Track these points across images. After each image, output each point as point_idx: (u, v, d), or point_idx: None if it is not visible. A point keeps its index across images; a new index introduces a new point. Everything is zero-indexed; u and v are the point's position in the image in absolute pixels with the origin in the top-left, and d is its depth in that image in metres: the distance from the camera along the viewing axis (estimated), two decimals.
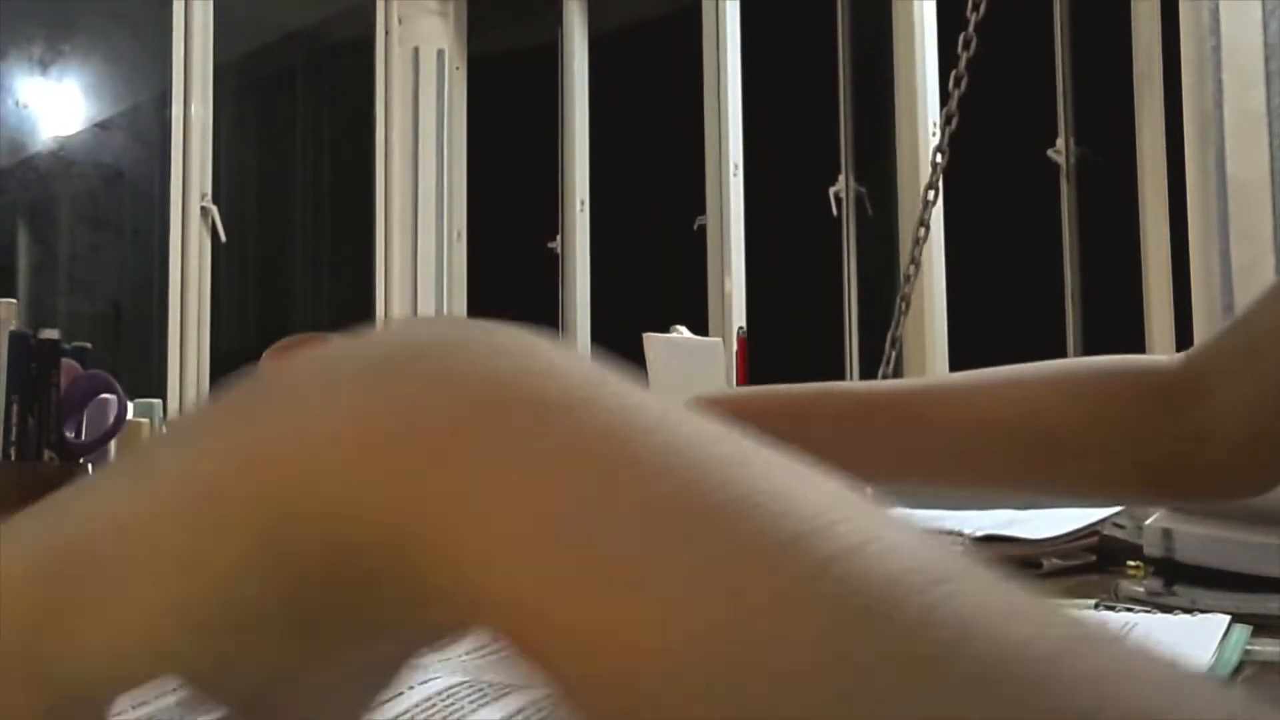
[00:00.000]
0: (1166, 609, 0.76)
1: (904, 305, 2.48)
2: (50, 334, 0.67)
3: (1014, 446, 0.69)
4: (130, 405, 0.75)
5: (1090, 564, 1.02)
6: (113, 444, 0.74)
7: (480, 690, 0.42)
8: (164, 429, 0.80)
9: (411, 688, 0.43)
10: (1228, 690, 0.16)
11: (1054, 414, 0.69)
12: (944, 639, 0.16)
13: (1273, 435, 0.64)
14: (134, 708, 0.45)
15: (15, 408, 0.65)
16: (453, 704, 0.41)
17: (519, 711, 0.40)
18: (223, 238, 3.58)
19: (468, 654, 0.61)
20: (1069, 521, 1.07)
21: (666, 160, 3.83)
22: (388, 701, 0.42)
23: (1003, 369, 0.72)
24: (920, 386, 0.74)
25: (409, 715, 0.41)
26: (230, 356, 3.63)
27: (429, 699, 0.42)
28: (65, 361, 0.68)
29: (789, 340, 3.48)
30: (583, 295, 3.88)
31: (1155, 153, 2.77)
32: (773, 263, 3.53)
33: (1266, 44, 2.27)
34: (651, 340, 1.16)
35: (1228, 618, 0.71)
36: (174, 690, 0.46)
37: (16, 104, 3.52)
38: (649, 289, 3.84)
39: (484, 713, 0.40)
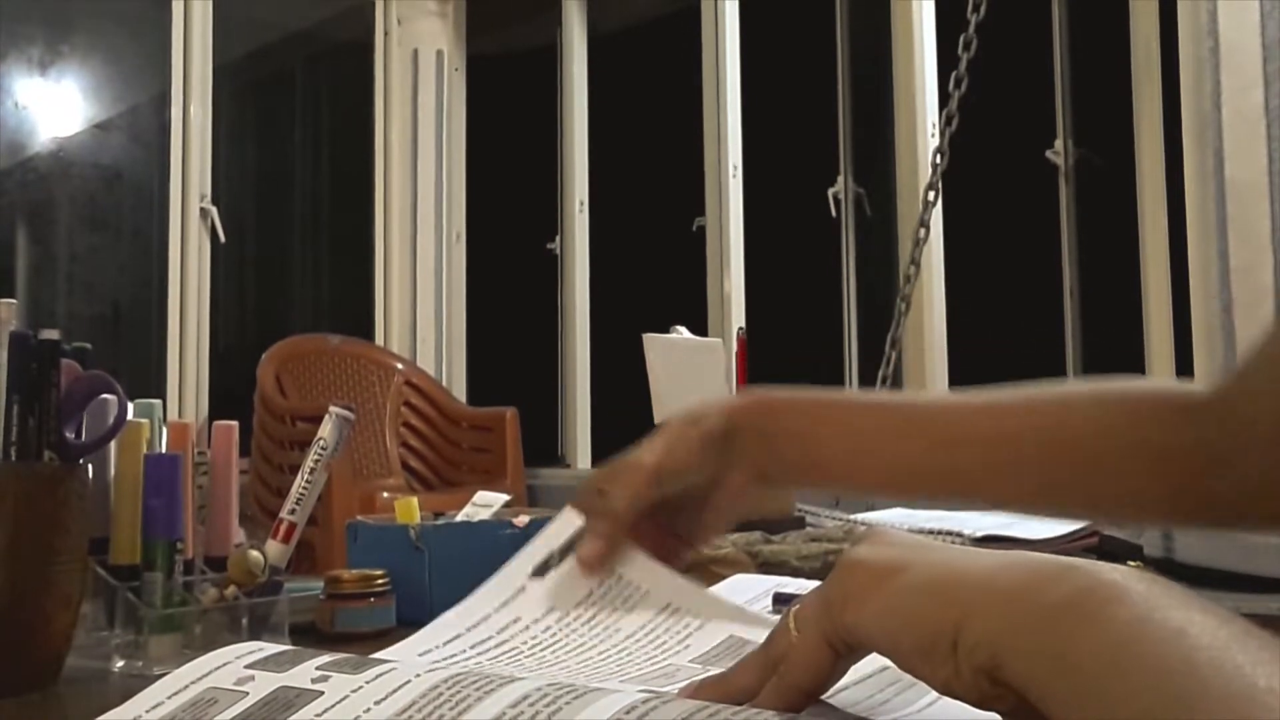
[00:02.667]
0: None
1: (904, 306, 2.48)
2: (50, 334, 0.67)
3: (1043, 461, 0.69)
4: (130, 405, 0.75)
5: None
6: (113, 444, 0.74)
7: (485, 679, 0.42)
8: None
9: (418, 674, 0.44)
10: None
11: (1083, 431, 0.68)
12: None
13: None
14: (148, 711, 0.45)
15: (15, 408, 0.65)
16: (459, 692, 0.41)
17: (524, 699, 0.40)
18: (222, 238, 3.58)
19: (472, 647, 0.61)
20: (1069, 522, 1.07)
21: (665, 161, 3.82)
22: (395, 692, 0.43)
23: (1031, 388, 0.72)
24: (955, 401, 0.73)
25: (415, 705, 0.41)
26: (229, 357, 3.63)
27: (435, 687, 0.42)
28: (65, 362, 0.68)
29: (788, 341, 3.48)
30: (582, 296, 3.87)
31: (1154, 154, 2.77)
32: (772, 264, 3.53)
33: (1264, 45, 2.27)
34: (651, 341, 1.16)
35: None
36: (186, 689, 0.46)
37: (15, 105, 3.52)
38: (648, 290, 3.84)
39: (489, 701, 0.40)
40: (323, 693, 0.44)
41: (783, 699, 0.44)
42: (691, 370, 1.18)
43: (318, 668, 0.46)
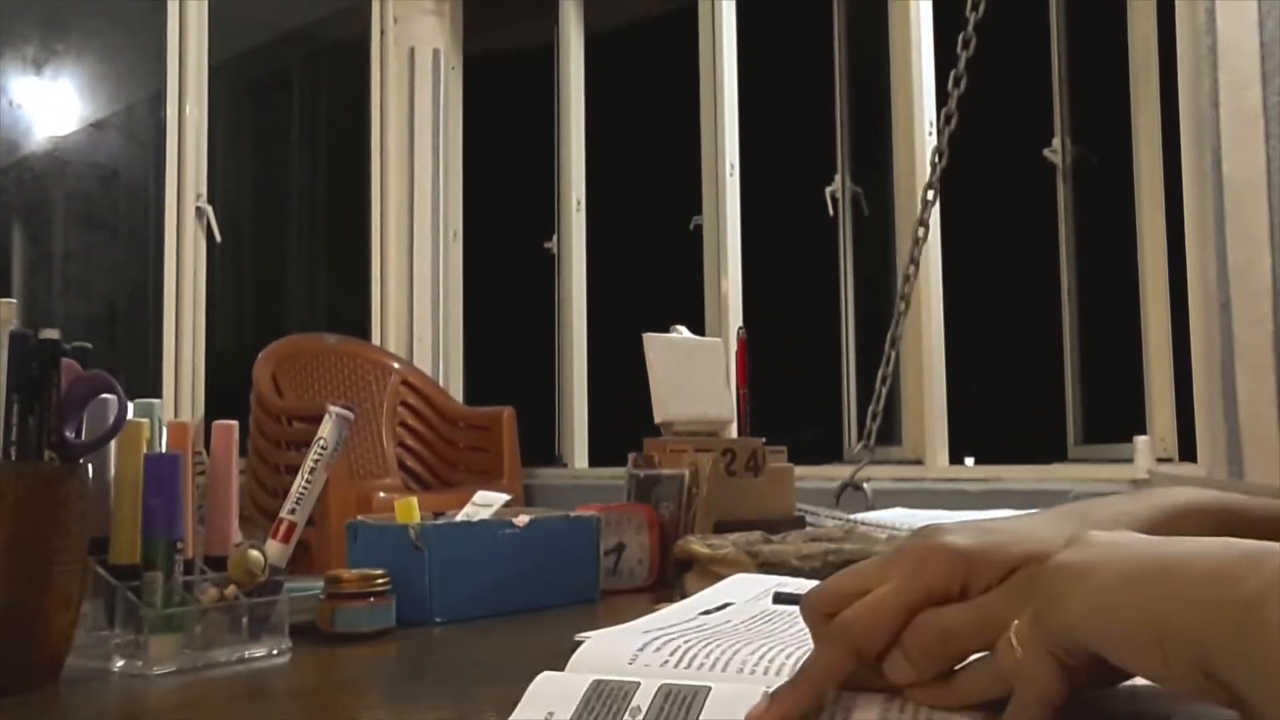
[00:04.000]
0: None
1: (904, 305, 2.48)
2: (51, 334, 0.67)
3: None
4: (130, 405, 0.74)
5: None
6: (113, 444, 0.74)
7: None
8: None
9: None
10: None
11: None
12: None
13: None
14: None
15: (15, 408, 0.65)
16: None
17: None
18: (218, 238, 3.57)
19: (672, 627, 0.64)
20: None
21: (663, 160, 3.82)
22: None
23: None
24: None
25: None
26: (226, 356, 3.62)
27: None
28: (65, 361, 0.68)
29: (786, 340, 3.48)
30: (579, 296, 3.87)
31: (1151, 152, 2.77)
32: (770, 263, 3.53)
33: (1262, 43, 2.27)
34: (652, 340, 1.16)
35: None
36: None
37: (10, 104, 3.51)
38: (645, 289, 3.84)
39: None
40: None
41: (1025, 713, 0.43)
42: (692, 370, 1.18)
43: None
